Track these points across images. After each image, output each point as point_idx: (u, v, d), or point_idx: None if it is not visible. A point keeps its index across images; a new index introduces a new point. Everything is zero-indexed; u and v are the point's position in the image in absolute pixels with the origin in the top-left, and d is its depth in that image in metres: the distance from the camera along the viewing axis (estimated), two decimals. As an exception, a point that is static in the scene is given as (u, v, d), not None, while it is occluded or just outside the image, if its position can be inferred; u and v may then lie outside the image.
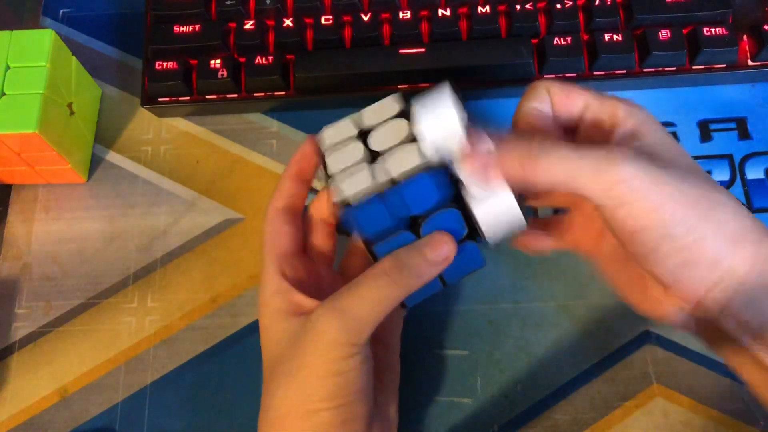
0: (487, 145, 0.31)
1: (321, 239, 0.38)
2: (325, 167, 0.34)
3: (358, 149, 0.33)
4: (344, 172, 0.33)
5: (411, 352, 0.43)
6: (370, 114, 0.34)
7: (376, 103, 0.35)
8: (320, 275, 0.37)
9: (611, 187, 0.29)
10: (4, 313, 0.46)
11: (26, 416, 0.43)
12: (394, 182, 0.32)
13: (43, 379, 0.44)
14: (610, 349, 0.43)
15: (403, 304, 0.34)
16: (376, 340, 0.37)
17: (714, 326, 0.31)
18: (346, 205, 0.32)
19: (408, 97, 0.34)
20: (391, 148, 0.32)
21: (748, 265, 0.29)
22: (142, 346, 0.45)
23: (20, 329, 0.45)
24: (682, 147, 0.32)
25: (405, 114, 0.33)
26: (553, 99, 0.34)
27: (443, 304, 0.44)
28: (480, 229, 0.32)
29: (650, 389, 0.42)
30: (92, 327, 0.45)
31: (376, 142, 0.33)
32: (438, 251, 0.32)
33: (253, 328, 0.44)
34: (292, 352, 0.33)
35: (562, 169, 0.29)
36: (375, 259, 0.33)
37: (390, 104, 0.34)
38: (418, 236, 0.32)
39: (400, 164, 0.32)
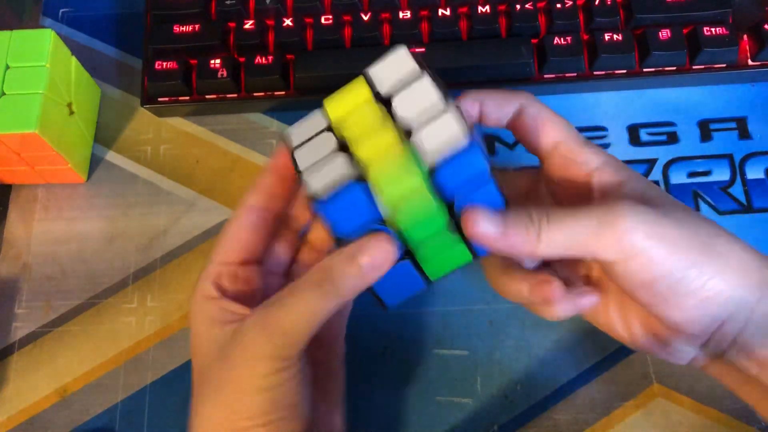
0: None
1: (282, 244, 0.36)
2: (295, 165, 0.31)
3: (329, 140, 0.30)
4: (314, 165, 0.30)
5: (411, 352, 0.43)
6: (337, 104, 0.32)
7: (340, 90, 0.32)
8: (269, 283, 0.35)
9: (617, 243, 0.28)
10: (4, 313, 0.46)
11: (26, 416, 0.43)
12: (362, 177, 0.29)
13: (43, 379, 0.44)
14: (610, 349, 0.43)
15: (382, 305, 0.33)
16: (317, 344, 0.34)
17: (723, 361, 0.31)
18: (316, 199, 0.29)
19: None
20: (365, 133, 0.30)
21: (757, 295, 0.29)
22: (142, 346, 0.45)
23: (20, 329, 0.45)
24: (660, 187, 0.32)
25: (377, 97, 0.31)
26: (526, 122, 0.34)
27: (443, 303, 0.44)
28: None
29: (650, 389, 0.42)
30: (92, 327, 0.45)
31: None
32: (372, 256, 0.29)
33: (253, 328, 0.44)
34: (220, 365, 0.31)
35: (565, 238, 0.29)
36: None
37: (359, 87, 0.32)
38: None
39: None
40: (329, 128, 0.31)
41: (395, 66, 0.31)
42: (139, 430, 0.43)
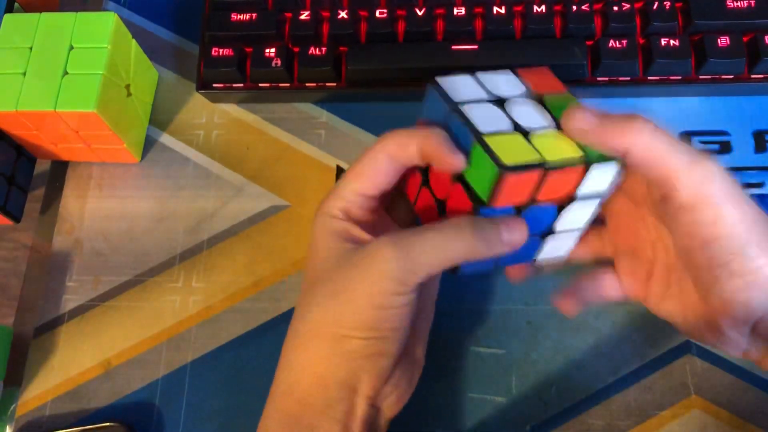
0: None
1: (401, 211, 0.38)
2: (463, 118, 0.33)
3: (503, 118, 0.33)
4: (497, 135, 0.32)
5: (448, 347, 0.43)
6: (495, 83, 0.35)
7: (493, 73, 0.35)
8: (385, 223, 0.37)
9: (700, 184, 0.29)
10: (56, 285, 0.47)
11: (72, 385, 0.45)
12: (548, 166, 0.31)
13: (89, 351, 0.46)
14: (649, 357, 0.42)
15: (455, 268, 0.34)
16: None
17: None
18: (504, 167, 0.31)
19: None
20: (541, 131, 0.33)
21: None
22: (184, 325, 0.46)
23: (70, 301, 0.47)
24: None
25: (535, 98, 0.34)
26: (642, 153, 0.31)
27: (482, 302, 0.44)
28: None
29: (688, 400, 0.41)
30: (137, 303, 0.46)
31: (521, 117, 0.33)
32: (512, 235, 0.32)
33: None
34: (339, 273, 0.32)
35: (663, 145, 0.30)
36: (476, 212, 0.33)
37: (512, 80, 0.35)
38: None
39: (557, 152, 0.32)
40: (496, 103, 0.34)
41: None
42: (178, 406, 0.44)
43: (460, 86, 0.34)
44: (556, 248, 0.37)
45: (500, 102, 0.34)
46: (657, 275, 0.35)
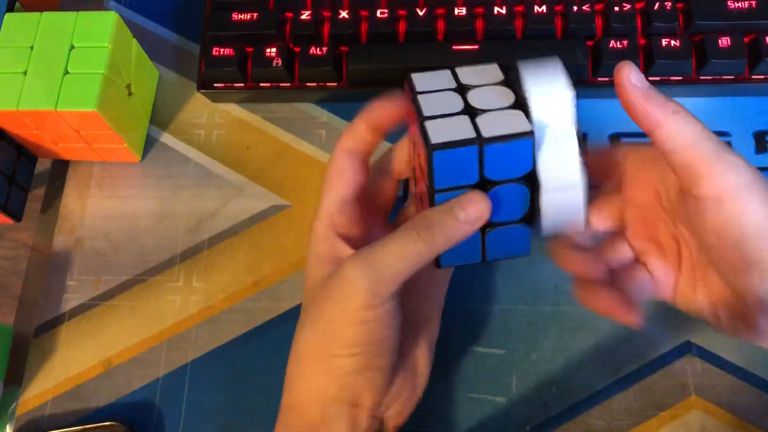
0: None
1: (382, 189, 0.38)
2: (417, 109, 0.32)
3: (457, 100, 0.32)
4: (441, 118, 0.31)
5: (448, 348, 0.43)
6: (469, 74, 0.34)
7: (473, 66, 0.34)
8: (372, 225, 0.37)
9: (727, 174, 0.29)
10: (56, 284, 0.47)
11: (72, 384, 0.45)
12: (483, 142, 0.30)
13: (90, 350, 0.46)
14: (649, 357, 0.42)
15: (437, 263, 0.34)
16: (418, 292, 0.37)
17: None
18: (432, 147, 0.30)
19: (508, 67, 0.34)
20: (493, 110, 0.31)
21: None
22: (185, 325, 0.46)
23: (70, 301, 0.47)
24: None
25: (509, 85, 0.33)
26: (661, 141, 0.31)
27: (483, 302, 0.44)
28: (539, 215, 0.32)
29: (688, 401, 0.41)
30: (138, 303, 0.46)
31: (477, 100, 0.32)
32: (468, 211, 0.30)
33: (294, 314, 0.45)
34: (321, 295, 0.33)
35: (693, 132, 0.30)
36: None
37: (492, 70, 0.34)
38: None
39: (499, 127, 0.30)
40: (458, 89, 0.33)
41: (547, 69, 0.33)
42: (178, 406, 0.44)
43: (427, 79, 0.34)
44: (560, 219, 0.33)
45: (463, 89, 0.33)
46: (683, 274, 0.35)
